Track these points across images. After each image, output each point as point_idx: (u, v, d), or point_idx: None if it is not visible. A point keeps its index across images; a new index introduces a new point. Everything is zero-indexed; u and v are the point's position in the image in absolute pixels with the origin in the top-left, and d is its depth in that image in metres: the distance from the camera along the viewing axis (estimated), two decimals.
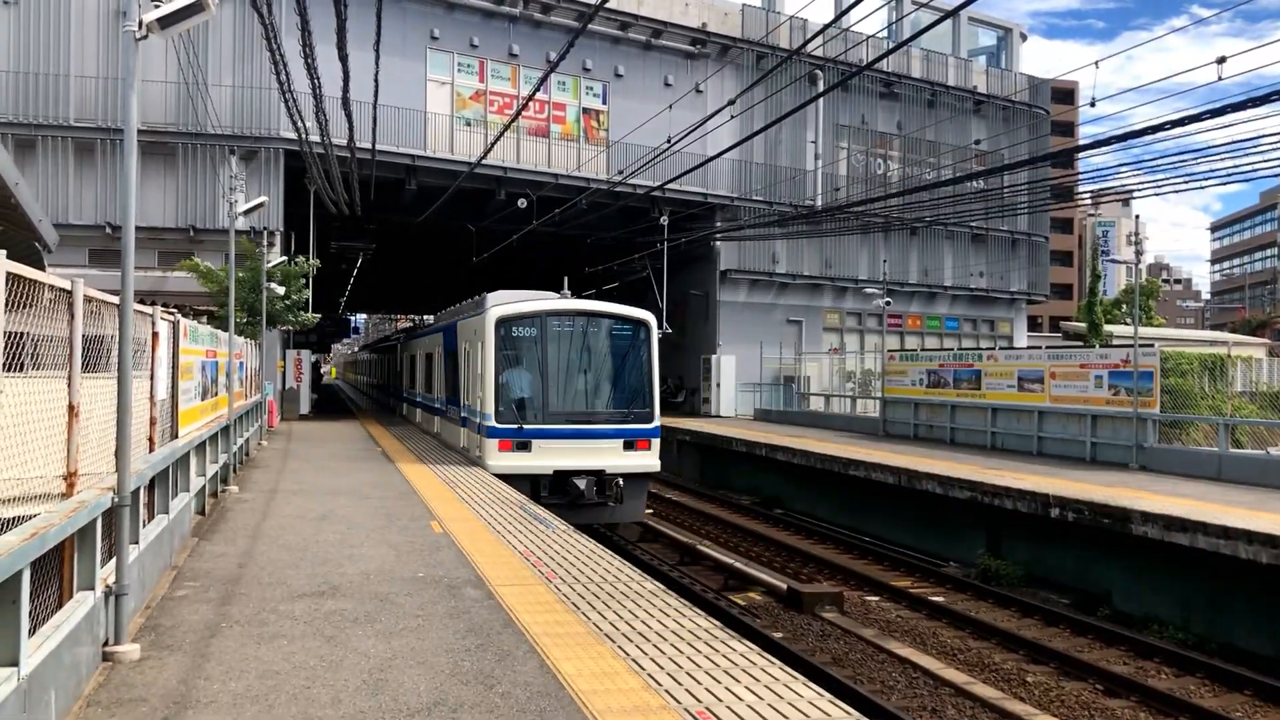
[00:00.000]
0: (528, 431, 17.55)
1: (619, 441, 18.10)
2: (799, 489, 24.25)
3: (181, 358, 10.42)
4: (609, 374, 19.09)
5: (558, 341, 18.39)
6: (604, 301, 21.63)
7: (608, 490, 17.74)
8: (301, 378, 35.41)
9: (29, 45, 27.24)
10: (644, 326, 18.98)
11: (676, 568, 17.23)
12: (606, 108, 34.79)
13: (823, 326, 39.78)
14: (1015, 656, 12.17)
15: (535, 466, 17.46)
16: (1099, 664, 11.67)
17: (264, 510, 12.58)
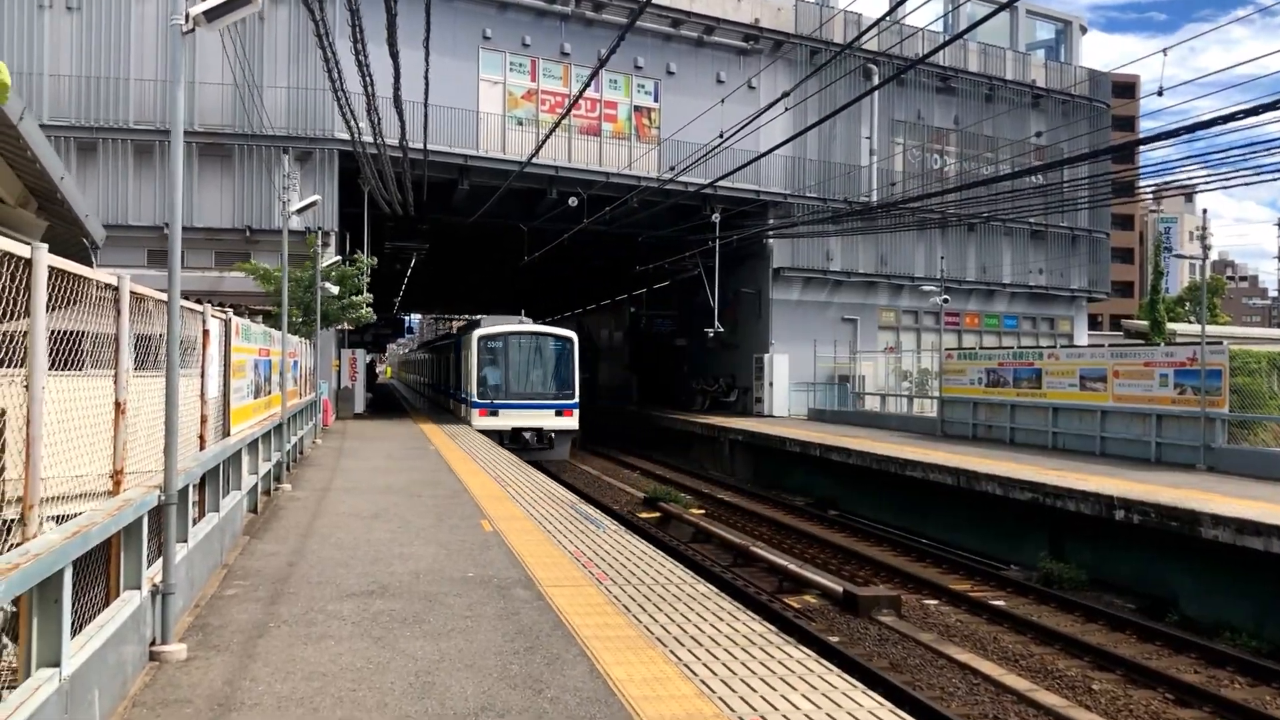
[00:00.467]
0: (496, 405, 28.42)
1: (551, 411, 28.81)
2: (854, 490, 23.90)
3: (233, 356, 10.42)
4: (545, 370, 29.77)
5: (516, 350, 29.56)
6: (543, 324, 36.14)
7: (544, 440, 28.37)
8: (356, 377, 35.67)
9: (91, 49, 27.71)
10: (569, 340, 30.44)
11: (729, 569, 17.00)
12: (658, 105, 34.62)
13: (878, 325, 39.24)
14: (1080, 663, 11.79)
15: (500, 426, 27.70)
16: (1168, 672, 11.26)
17: (316, 508, 12.58)
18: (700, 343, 41.39)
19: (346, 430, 27.41)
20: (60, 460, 5.13)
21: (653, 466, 32.10)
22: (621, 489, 26.74)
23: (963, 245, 40.67)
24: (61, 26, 27.63)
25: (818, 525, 21.88)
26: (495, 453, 21.60)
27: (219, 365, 9.58)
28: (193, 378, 8.61)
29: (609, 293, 55.88)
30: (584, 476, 29.30)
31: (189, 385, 8.38)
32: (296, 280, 25.64)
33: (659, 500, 23.18)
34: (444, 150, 30.19)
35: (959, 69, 40.77)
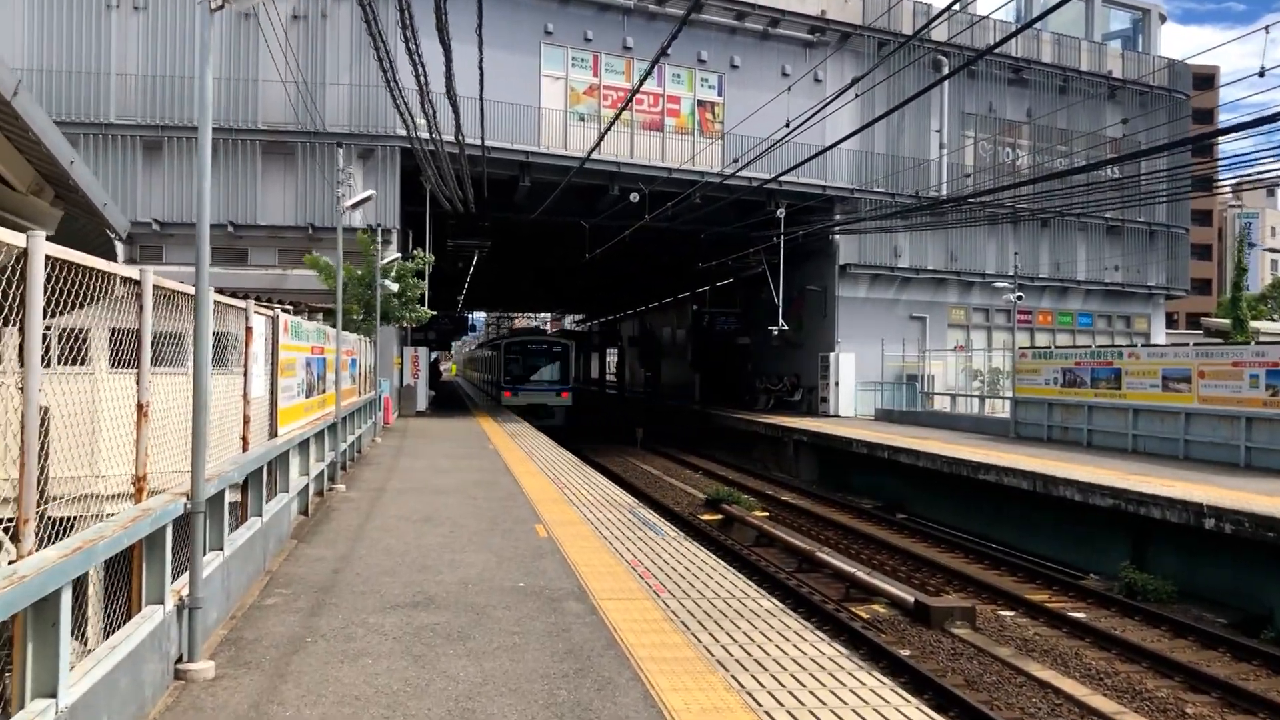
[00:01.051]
0: (517, 388, 40.79)
1: (553, 393, 40.87)
2: (923, 493, 23.14)
3: (282, 354, 10.10)
4: (550, 365, 41.98)
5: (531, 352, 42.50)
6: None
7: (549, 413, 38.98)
8: (419, 375, 35.60)
9: (156, 48, 27.87)
10: (568, 344, 44.10)
11: (793, 575, 16.42)
12: (722, 99, 34.01)
13: (947, 323, 38.19)
14: (1170, 683, 11.04)
15: (519, 403, 39.44)
16: (1268, 695, 10.48)
17: (368, 511, 12.26)
18: (764, 341, 40.69)
19: (408, 428, 27.25)
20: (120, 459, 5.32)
21: (715, 467, 31.54)
22: (683, 489, 26.23)
23: (1035, 241, 39.48)
24: (129, 26, 27.84)
25: (885, 529, 21.19)
26: (554, 453, 21.23)
27: (264, 363, 9.26)
28: (234, 377, 8.28)
29: (671, 290, 55.38)
30: (645, 476, 28.85)
31: (229, 385, 8.05)
32: (357, 278, 25.53)
33: (721, 502, 22.63)
34: (504, 147, 29.90)
35: (1032, 60, 39.58)
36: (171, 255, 28.59)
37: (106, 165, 27.58)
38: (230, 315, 7.97)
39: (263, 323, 9.07)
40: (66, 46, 27.43)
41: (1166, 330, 49.50)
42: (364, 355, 22.34)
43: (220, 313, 7.79)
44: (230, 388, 8.09)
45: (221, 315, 7.77)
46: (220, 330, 8.00)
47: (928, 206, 32.10)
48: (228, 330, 8.08)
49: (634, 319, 68.75)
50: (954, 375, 35.02)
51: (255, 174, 28.48)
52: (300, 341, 11.52)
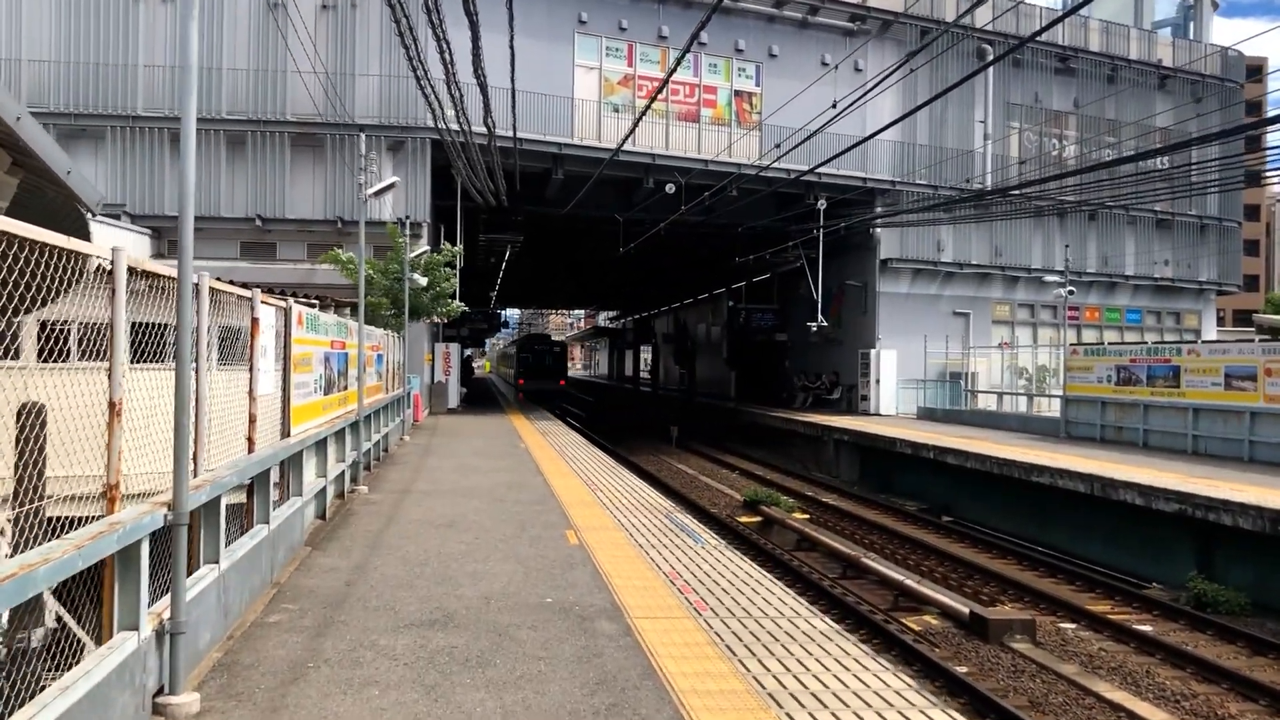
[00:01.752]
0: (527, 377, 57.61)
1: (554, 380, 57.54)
2: (971, 495, 22.23)
3: (296, 348, 9.45)
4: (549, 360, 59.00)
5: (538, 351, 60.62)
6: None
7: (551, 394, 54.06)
8: (450, 371, 35.05)
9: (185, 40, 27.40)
10: (562, 345, 67.40)
11: (837, 582, 15.61)
12: (760, 89, 33.16)
13: (991, 319, 37.14)
14: (1255, 707, 10.16)
15: (530, 388, 55.24)
16: None
17: (390, 514, 11.60)
18: (802, 338, 39.81)
19: (437, 426, 26.66)
20: None
21: (752, 466, 30.72)
22: (719, 490, 25.45)
23: (1082, 235, 38.30)
24: (156, 17, 27.45)
25: (932, 533, 20.31)
26: (587, 452, 20.53)
27: (275, 358, 8.60)
28: (239, 373, 7.62)
29: (706, 286, 54.54)
30: (680, 476, 28.10)
31: (231, 382, 7.39)
32: (384, 272, 24.96)
33: (760, 503, 21.83)
34: (537, 139, 29.24)
35: (1079, 48, 38.42)
36: (200, 250, 27.88)
37: (134, 158, 27.22)
38: (234, 306, 7.30)
39: (272, 314, 8.40)
40: (94, 38, 27.08)
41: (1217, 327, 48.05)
42: (392, 351, 21.74)
43: (222, 303, 7.13)
44: (233, 384, 7.42)
45: (222, 305, 7.11)
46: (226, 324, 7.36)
47: (971, 198, 31.09)
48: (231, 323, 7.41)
49: (668, 315, 67.96)
50: (998, 373, 33.93)
51: (284, 166, 27.99)
52: (318, 335, 10.87)
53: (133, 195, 27.21)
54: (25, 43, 26.87)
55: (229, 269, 23.81)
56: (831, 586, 15.03)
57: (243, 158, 27.82)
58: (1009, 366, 33.24)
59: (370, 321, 23.21)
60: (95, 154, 27.30)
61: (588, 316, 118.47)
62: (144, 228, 27.24)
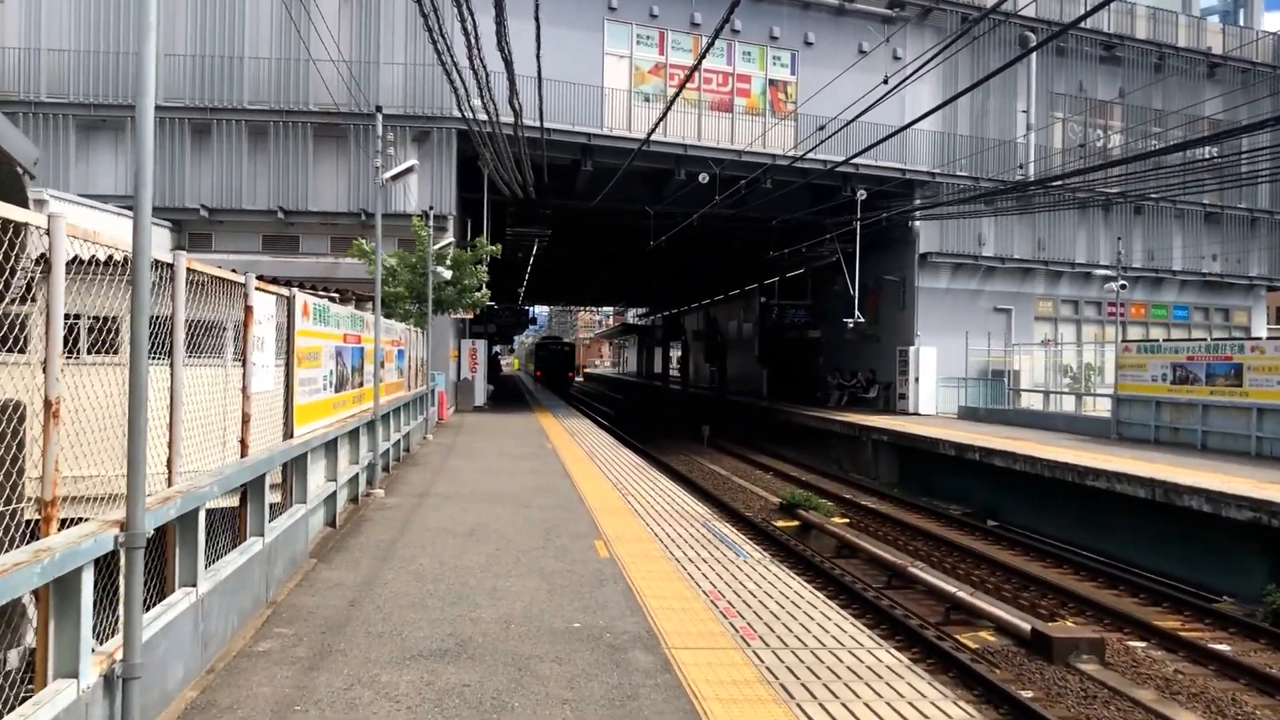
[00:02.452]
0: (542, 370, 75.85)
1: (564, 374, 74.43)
2: (1018, 499, 21.20)
3: (301, 341, 8.64)
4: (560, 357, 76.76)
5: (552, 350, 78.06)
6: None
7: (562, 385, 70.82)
8: (476, 369, 34.30)
9: (205, 28, 26.81)
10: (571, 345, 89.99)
11: (883, 593, 14.66)
12: (795, 78, 32.15)
13: (1034, 315, 35.94)
14: None
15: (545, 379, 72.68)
16: None
17: (406, 521, 10.77)
18: (837, 335, 38.78)
19: (462, 425, 25.89)
20: None
21: (787, 467, 29.75)
22: (754, 492, 24.51)
23: (1128, 228, 36.99)
24: (176, 6, 26.77)
25: (979, 539, 19.29)
26: (616, 453, 19.67)
27: (275, 352, 7.78)
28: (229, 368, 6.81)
29: (737, 282, 53.57)
30: (713, 477, 27.18)
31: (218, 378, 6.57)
32: (411, 266, 24.20)
33: (797, 507, 20.88)
34: (565, 129, 28.41)
35: (1125, 36, 37.11)
36: (221, 243, 27.57)
37: (155, 150, 26.57)
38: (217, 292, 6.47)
39: (270, 303, 7.58)
40: (113, 27, 26.48)
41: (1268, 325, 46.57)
42: (415, 347, 20.96)
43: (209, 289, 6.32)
44: (221, 381, 6.61)
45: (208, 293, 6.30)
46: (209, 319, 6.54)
47: (1013, 189, 29.93)
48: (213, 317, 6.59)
49: (698, 312, 66.99)
50: (1041, 371, 32.76)
51: (307, 158, 27.30)
52: (328, 328, 10.06)
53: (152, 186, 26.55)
54: (44, 32, 26.32)
55: (251, 262, 23.14)
56: (877, 598, 14.08)
57: (264, 149, 27.15)
58: (1052, 364, 32.08)
59: (392, 316, 22.48)
60: (115, 145, 26.72)
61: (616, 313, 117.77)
62: (164, 220, 26.63)
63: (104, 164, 26.78)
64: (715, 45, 30.29)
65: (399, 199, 27.47)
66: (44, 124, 26.17)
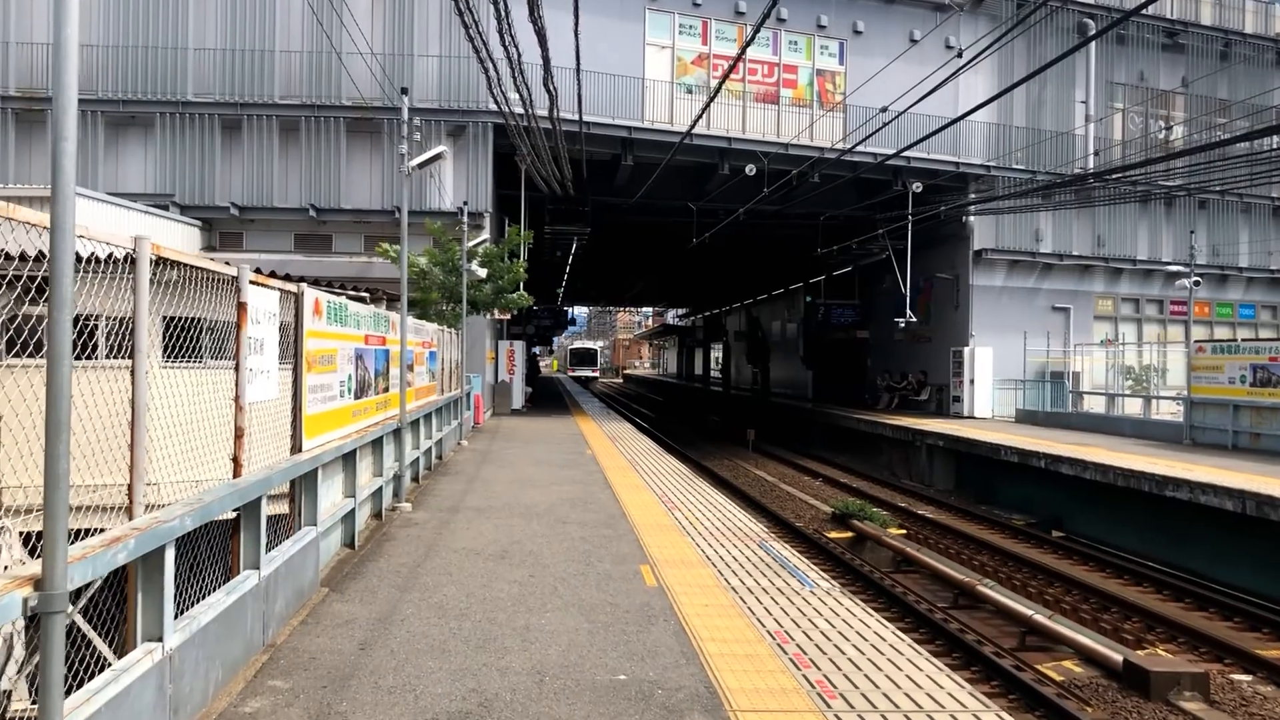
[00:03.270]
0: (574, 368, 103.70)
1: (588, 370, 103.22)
2: (1087, 509, 19.93)
3: (313, 343, 7.69)
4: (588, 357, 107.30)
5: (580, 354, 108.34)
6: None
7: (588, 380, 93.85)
8: (514, 370, 33.41)
9: (236, 21, 26.12)
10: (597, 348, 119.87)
11: (948, 614, 13.52)
12: (843, 68, 30.93)
13: (1093, 314, 34.47)
14: None
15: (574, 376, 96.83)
16: None
17: (432, 540, 9.80)
18: (885, 335, 37.54)
19: (499, 429, 24.98)
20: None
21: (836, 473, 28.56)
22: (803, 500, 23.38)
23: (1191, 223, 35.42)
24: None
25: (1048, 553, 18.04)
26: (660, 460, 18.63)
27: (277, 355, 6.82)
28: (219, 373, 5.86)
29: (781, 281, 52.31)
30: (759, 484, 26.07)
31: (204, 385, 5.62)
32: (442, 264, 23.32)
33: (851, 516, 19.75)
34: (605, 122, 27.44)
35: (1189, 22, 35.55)
36: (253, 243, 26.87)
37: (183, 146, 25.96)
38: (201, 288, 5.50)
39: (272, 300, 6.62)
40: (142, 21, 25.87)
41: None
42: (448, 348, 20.05)
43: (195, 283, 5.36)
44: (207, 388, 5.65)
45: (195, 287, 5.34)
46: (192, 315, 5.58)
47: (1072, 182, 28.51)
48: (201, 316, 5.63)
49: (739, 312, 65.76)
50: (1101, 372, 31.28)
51: (339, 154, 26.52)
52: (346, 329, 9.11)
53: (182, 185, 25.95)
54: None
55: (283, 262, 22.38)
56: (945, 620, 12.92)
57: (296, 145, 26.41)
58: (1113, 365, 30.60)
59: (424, 317, 21.61)
60: (145, 143, 26.11)
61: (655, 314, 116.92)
62: (193, 219, 25.96)
63: (133, 162, 26.17)
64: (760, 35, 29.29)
65: (433, 196, 26.63)
66: None
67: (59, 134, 3.33)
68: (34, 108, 25.47)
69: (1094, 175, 27.45)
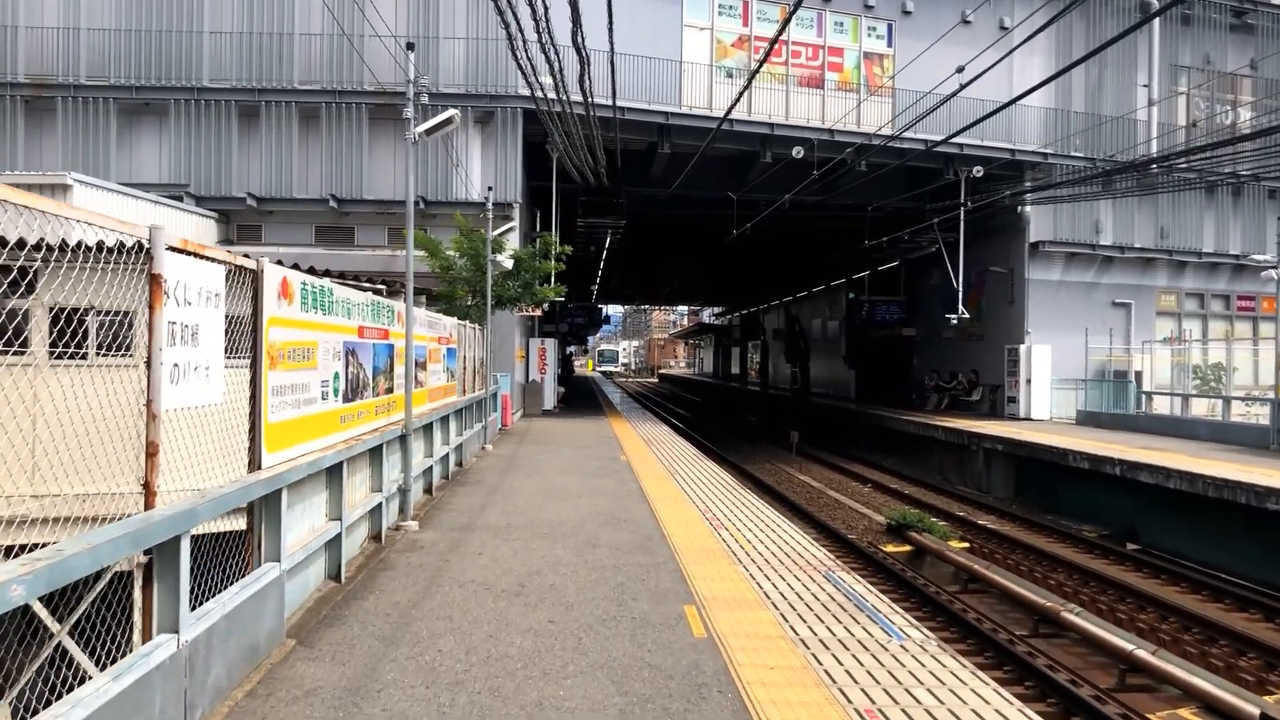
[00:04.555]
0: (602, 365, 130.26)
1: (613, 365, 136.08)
2: (1167, 521, 18.16)
3: (279, 333, 6.22)
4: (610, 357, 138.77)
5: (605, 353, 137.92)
6: None
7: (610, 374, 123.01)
8: (546, 369, 31.93)
9: (254, 2, 24.81)
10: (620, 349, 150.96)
11: (1031, 644, 11.86)
12: (891, 51, 29.16)
13: (1155, 310, 32.48)
14: None
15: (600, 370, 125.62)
16: None
17: (437, 570, 8.29)
18: (932, 332, 35.74)
19: (528, 432, 23.51)
20: None
21: (885, 478, 26.82)
22: (852, 508, 21.70)
23: (1260, 213, 33.38)
24: None
25: (1130, 570, 16.29)
26: (701, 467, 17.04)
27: (221, 347, 5.33)
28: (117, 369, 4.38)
29: (822, 277, 50.51)
30: (805, 490, 24.41)
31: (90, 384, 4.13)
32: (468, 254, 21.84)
33: (908, 528, 18.07)
34: (641, 107, 25.88)
35: (1258, 1, 33.48)
36: (271, 235, 25.57)
37: (199, 134, 24.70)
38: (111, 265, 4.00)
39: (211, 276, 5.12)
40: (158, 4, 24.62)
41: None
42: (471, 345, 18.57)
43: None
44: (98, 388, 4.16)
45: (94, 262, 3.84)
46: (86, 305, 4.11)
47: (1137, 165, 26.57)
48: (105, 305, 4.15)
49: (778, 310, 63.99)
50: (1165, 371, 29.35)
51: (362, 142, 25.15)
52: (331, 318, 7.62)
53: (197, 174, 24.69)
54: (84, 10, 24.56)
55: (303, 255, 21.04)
56: (1030, 655, 11.25)
57: (317, 132, 25.07)
58: (1177, 364, 28.66)
59: (452, 312, 20.16)
60: (159, 131, 24.87)
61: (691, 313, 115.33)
62: (210, 210, 24.70)
63: (148, 151, 24.94)
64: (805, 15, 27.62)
65: (458, 187, 25.22)
66: (84, 108, 24.41)
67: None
68: (44, 95, 24.34)
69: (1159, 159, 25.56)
